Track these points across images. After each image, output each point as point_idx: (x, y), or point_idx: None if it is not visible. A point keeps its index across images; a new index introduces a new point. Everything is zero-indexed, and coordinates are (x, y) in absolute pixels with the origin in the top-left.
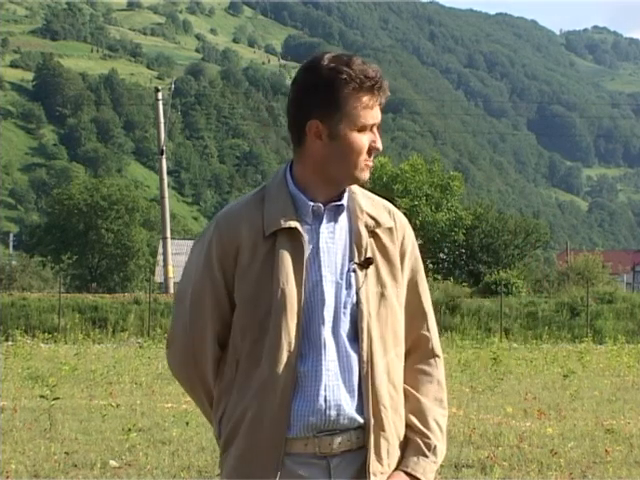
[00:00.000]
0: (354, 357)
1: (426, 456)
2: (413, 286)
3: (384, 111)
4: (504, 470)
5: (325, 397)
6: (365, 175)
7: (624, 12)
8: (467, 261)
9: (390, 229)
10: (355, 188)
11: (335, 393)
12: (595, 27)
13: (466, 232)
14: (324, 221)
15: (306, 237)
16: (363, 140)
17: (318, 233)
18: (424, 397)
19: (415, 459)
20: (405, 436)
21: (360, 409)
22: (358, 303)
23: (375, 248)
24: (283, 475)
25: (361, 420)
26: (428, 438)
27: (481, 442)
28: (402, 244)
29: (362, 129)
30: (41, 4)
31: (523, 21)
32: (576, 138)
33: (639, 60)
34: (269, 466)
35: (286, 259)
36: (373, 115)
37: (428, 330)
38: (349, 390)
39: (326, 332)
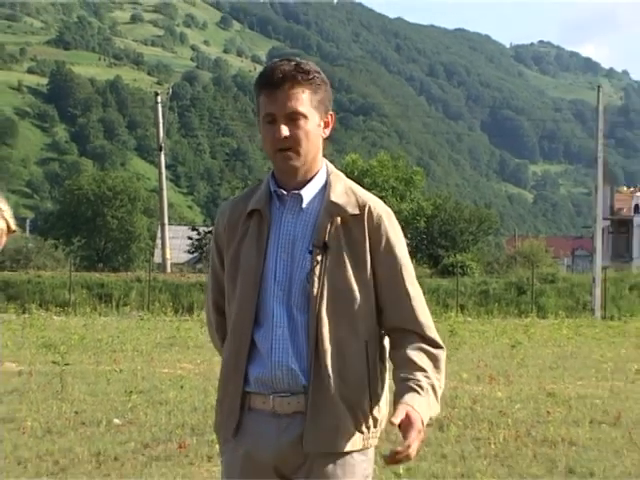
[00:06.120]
0: (303, 327)
1: (418, 393)
2: (392, 271)
3: (356, 114)
4: (459, 428)
5: (272, 358)
6: (280, 164)
7: (567, 28)
8: (428, 246)
9: (356, 216)
10: (335, 179)
11: (282, 355)
12: (541, 41)
13: (427, 220)
14: (288, 207)
15: (269, 219)
16: (267, 130)
17: (282, 217)
18: (417, 363)
19: (409, 395)
20: (396, 390)
21: (308, 373)
22: (309, 281)
23: (342, 233)
24: (245, 427)
25: (304, 382)
26: (418, 380)
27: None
28: (374, 232)
29: (270, 121)
30: (55, 17)
31: (478, 35)
32: (523, 138)
33: (578, 71)
34: (231, 413)
35: (252, 237)
36: (274, 105)
37: (414, 312)
38: (297, 355)
39: (276, 304)
